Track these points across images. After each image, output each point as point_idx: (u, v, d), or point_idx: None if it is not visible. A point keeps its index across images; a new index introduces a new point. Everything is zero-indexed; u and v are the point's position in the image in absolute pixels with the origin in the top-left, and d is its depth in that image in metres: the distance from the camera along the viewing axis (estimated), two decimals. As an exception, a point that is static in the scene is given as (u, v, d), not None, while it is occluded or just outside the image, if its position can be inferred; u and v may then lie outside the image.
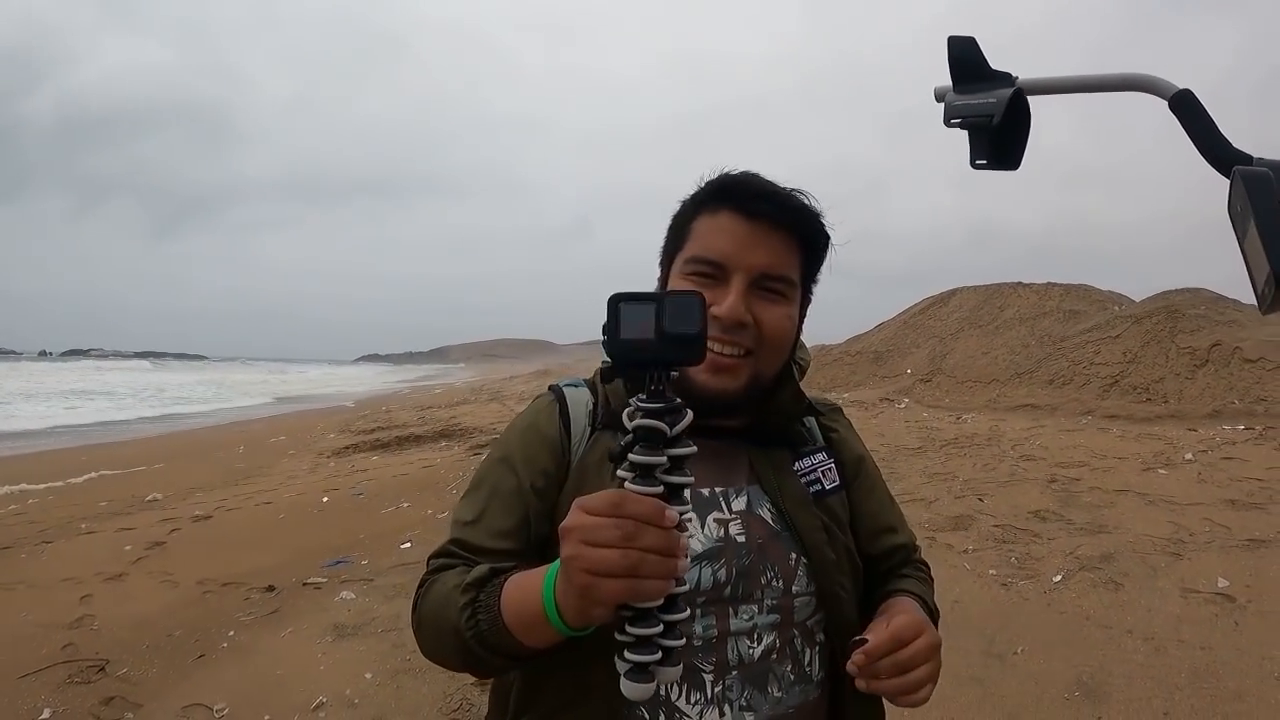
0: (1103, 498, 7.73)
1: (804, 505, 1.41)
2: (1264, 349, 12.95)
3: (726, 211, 1.37)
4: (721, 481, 1.40)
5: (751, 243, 1.35)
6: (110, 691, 4.48)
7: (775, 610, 1.35)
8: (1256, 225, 0.85)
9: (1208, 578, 5.45)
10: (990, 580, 5.73)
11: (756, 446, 1.46)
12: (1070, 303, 20.21)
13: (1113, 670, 4.31)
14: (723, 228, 1.36)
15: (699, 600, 1.30)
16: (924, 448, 11.23)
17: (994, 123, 1.13)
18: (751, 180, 1.39)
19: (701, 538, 1.33)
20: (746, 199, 1.36)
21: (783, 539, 1.39)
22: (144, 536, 7.60)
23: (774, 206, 1.36)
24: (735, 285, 1.34)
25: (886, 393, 18.52)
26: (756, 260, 1.35)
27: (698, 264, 1.37)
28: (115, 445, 16.57)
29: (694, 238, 1.39)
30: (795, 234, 1.39)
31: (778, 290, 1.38)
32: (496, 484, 1.41)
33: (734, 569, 1.33)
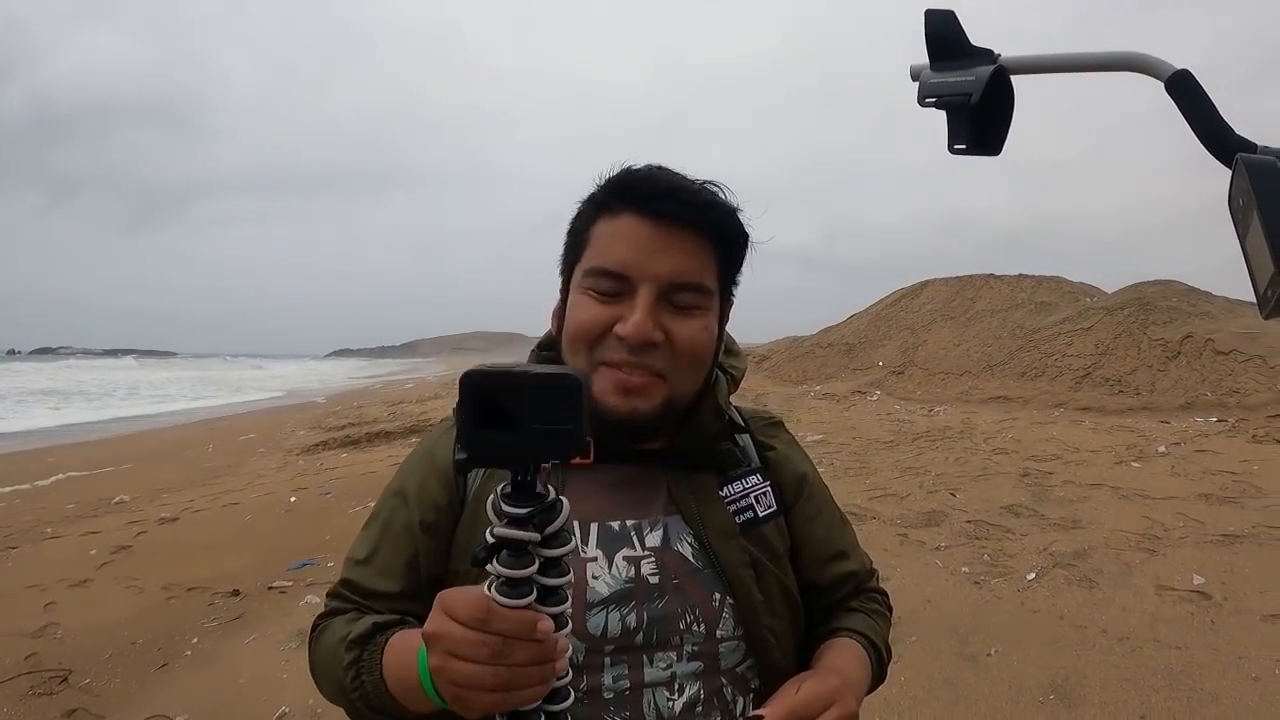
0: (1076, 492, 7.71)
1: (729, 537, 1.27)
2: (1236, 341, 13.00)
3: (627, 214, 1.21)
4: (634, 513, 1.27)
5: (657, 248, 1.19)
6: (73, 703, 4.38)
7: (697, 657, 1.21)
8: (1261, 219, 0.75)
9: (1183, 574, 5.39)
10: (963, 578, 5.65)
11: (677, 471, 1.31)
12: (1042, 294, 20.32)
13: (1088, 672, 4.23)
14: (624, 232, 1.21)
15: (606, 649, 1.18)
16: (896, 441, 11.24)
17: (972, 102, 1.01)
18: (654, 175, 1.23)
19: (609, 579, 1.21)
20: (649, 197, 1.20)
21: (704, 577, 1.24)
22: (110, 540, 7.45)
23: (681, 204, 1.20)
24: (642, 299, 1.18)
25: (858, 385, 18.57)
26: (664, 268, 1.19)
27: (598, 276, 1.21)
28: (83, 446, 16.30)
29: (593, 245, 1.24)
30: (708, 235, 1.23)
31: (691, 302, 1.22)
32: (389, 519, 1.32)
33: (645, 613, 1.20)
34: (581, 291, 1.23)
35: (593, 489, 1.26)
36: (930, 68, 1.07)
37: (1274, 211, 0.74)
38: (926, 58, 1.08)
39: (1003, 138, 1.08)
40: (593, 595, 1.18)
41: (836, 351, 22.36)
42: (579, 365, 1.22)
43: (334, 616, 1.30)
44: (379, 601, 1.25)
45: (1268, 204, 0.75)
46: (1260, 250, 0.76)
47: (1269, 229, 0.74)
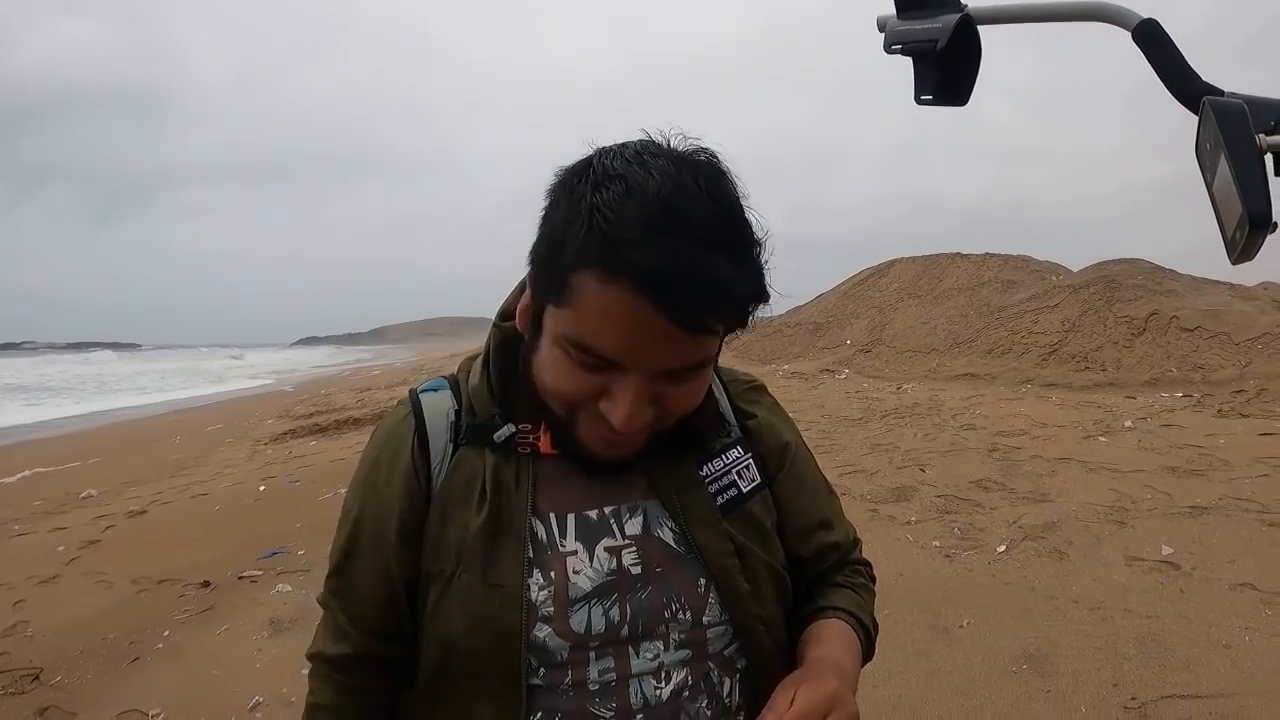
0: (1044, 466, 7.74)
1: (711, 526, 1.17)
2: (1201, 318, 13.13)
3: (625, 290, 0.92)
4: (612, 499, 1.17)
5: (660, 339, 0.95)
6: (45, 701, 4.32)
7: (685, 645, 1.14)
8: (1229, 161, 0.73)
9: (1152, 545, 5.42)
10: (934, 552, 5.66)
11: (654, 451, 1.17)
12: (1008, 273, 20.46)
13: (1060, 641, 4.24)
14: (619, 318, 0.95)
15: (592, 644, 1.11)
16: (865, 418, 11.28)
17: (939, 48, 1.00)
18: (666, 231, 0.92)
19: (590, 572, 1.13)
20: (661, 284, 0.91)
21: (687, 563, 1.16)
22: (78, 536, 7.38)
23: (698, 304, 0.94)
24: (636, 386, 1.00)
25: (826, 364, 18.63)
26: (664, 360, 0.99)
27: (581, 351, 0.99)
28: (49, 441, 16.11)
29: (576, 308, 0.97)
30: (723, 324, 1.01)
31: (691, 376, 1.05)
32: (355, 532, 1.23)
33: (629, 605, 1.13)
34: (559, 348, 1.02)
35: (565, 478, 1.17)
36: (897, 16, 1.05)
37: (1241, 151, 0.73)
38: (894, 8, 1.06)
39: (969, 88, 1.07)
40: (575, 591, 1.12)
41: (805, 330, 22.42)
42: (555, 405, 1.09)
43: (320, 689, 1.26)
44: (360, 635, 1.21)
45: (1235, 146, 0.73)
46: (1228, 194, 0.75)
47: (1237, 170, 0.72)
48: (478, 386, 1.21)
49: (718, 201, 0.96)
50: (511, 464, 1.17)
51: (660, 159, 0.97)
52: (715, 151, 1.03)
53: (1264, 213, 0.70)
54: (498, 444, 1.17)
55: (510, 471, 1.16)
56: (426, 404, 1.24)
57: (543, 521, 1.15)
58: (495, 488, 1.15)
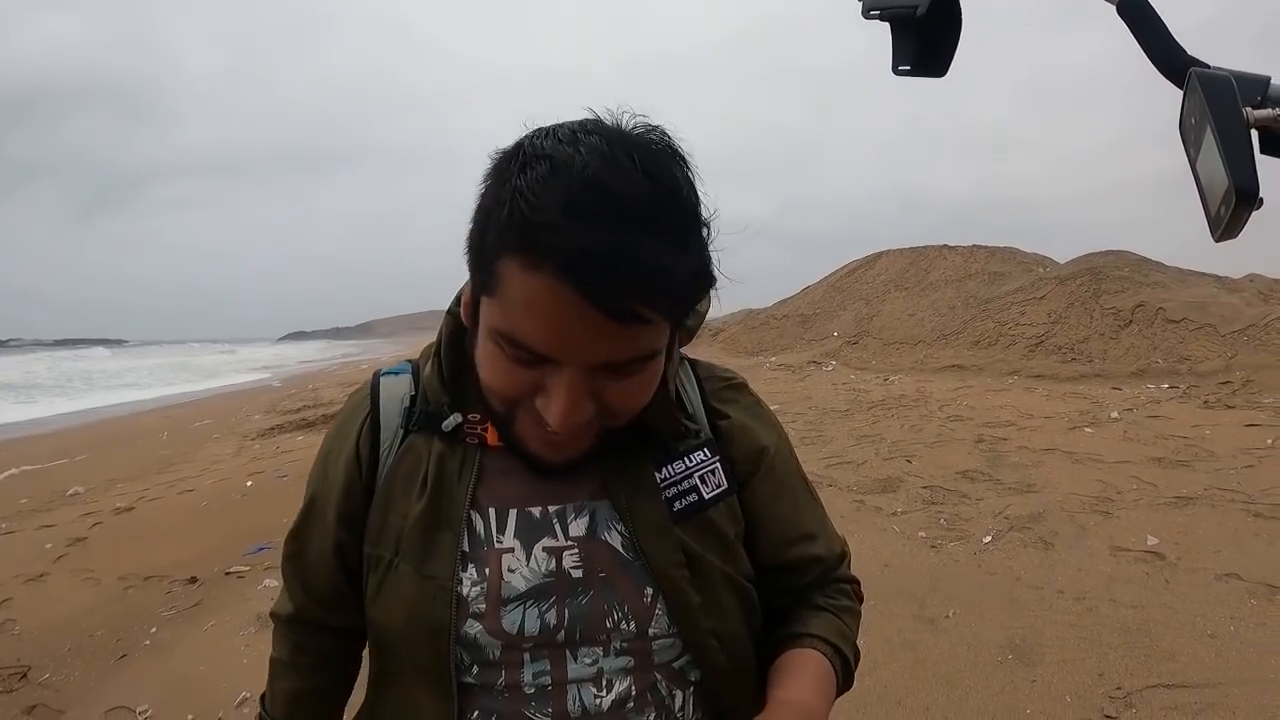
0: (1030, 457, 7.74)
1: (661, 533, 1.09)
2: (1187, 310, 13.16)
3: (550, 278, 0.84)
4: (557, 497, 1.11)
5: (592, 332, 0.87)
6: (33, 699, 4.29)
7: (627, 653, 1.08)
8: (1215, 133, 0.71)
9: (1137, 536, 5.42)
10: (920, 542, 5.65)
11: (609, 450, 1.09)
12: (995, 265, 20.49)
13: (1045, 631, 4.24)
14: (545, 305, 0.86)
15: (525, 645, 1.07)
16: (851, 410, 11.28)
17: (919, 14, 0.96)
18: (591, 212, 0.83)
19: (526, 572, 1.07)
20: (584, 273, 0.83)
21: (634, 571, 1.09)
22: (65, 533, 7.30)
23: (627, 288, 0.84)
24: (570, 380, 0.92)
25: (813, 355, 18.64)
26: (599, 354, 0.91)
27: (512, 345, 0.92)
28: (36, 438, 15.97)
29: (504, 299, 0.90)
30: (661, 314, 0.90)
31: (634, 369, 0.96)
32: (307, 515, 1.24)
33: (567, 610, 1.07)
34: (493, 342, 0.95)
35: (511, 472, 1.11)
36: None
37: (1228, 125, 0.71)
38: None
39: (948, 58, 1.02)
40: (508, 590, 1.07)
41: (792, 323, 22.43)
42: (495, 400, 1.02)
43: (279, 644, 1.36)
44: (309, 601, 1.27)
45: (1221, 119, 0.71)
46: (1213, 168, 0.73)
47: (1223, 143, 0.71)
48: (429, 375, 1.17)
49: (655, 180, 0.86)
50: (458, 454, 1.13)
51: (594, 136, 0.88)
52: (665, 129, 0.93)
53: (1250, 187, 0.68)
54: (446, 433, 1.13)
55: (455, 462, 1.13)
56: (385, 387, 1.21)
57: (481, 515, 1.11)
58: (437, 477, 1.12)
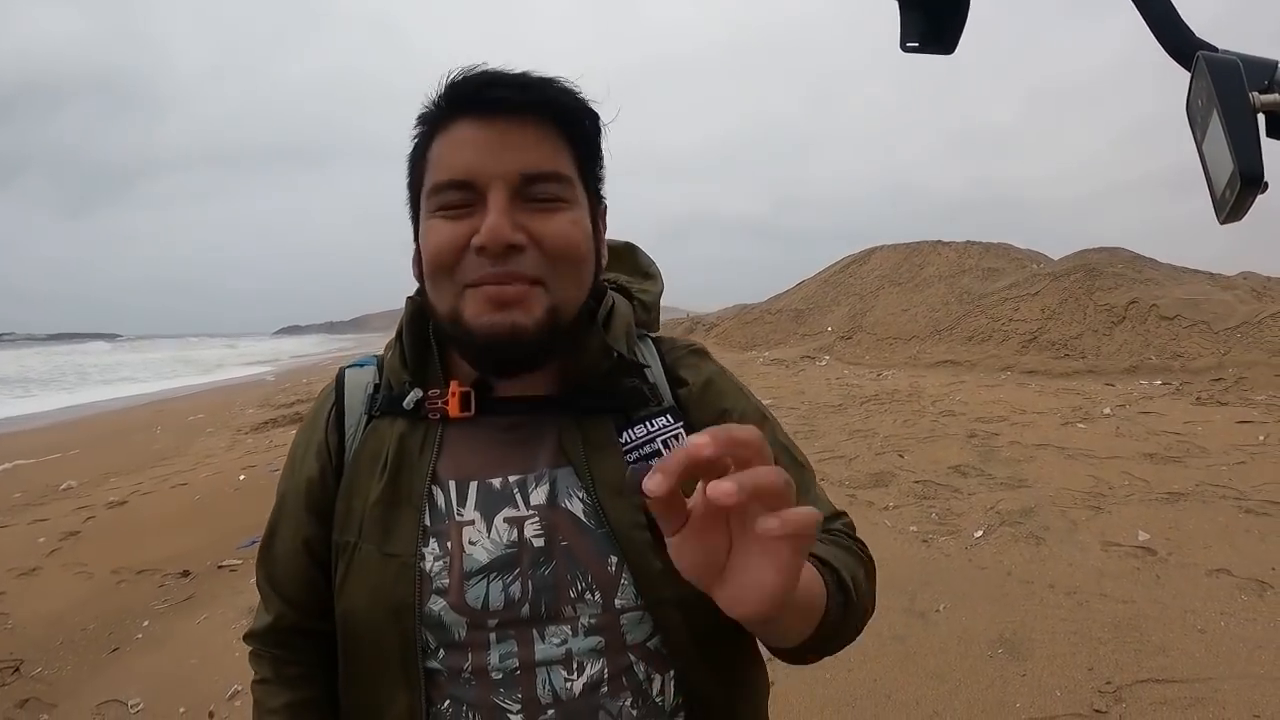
0: (1022, 452, 7.75)
1: (619, 494, 1.09)
2: (1180, 307, 13.18)
3: (460, 120, 1.05)
4: (518, 467, 1.11)
5: (498, 145, 1.03)
6: (25, 693, 4.31)
7: (595, 631, 1.07)
8: (1221, 117, 0.70)
9: (1128, 531, 5.42)
10: (911, 537, 5.66)
11: (569, 416, 1.13)
12: (989, 261, 20.48)
13: (1035, 626, 4.24)
14: (461, 140, 1.04)
15: (490, 623, 1.06)
16: (844, 405, 11.28)
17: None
18: (479, 72, 1.05)
19: (488, 544, 1.07)
20: (475, 95, 1.04)
21: (596, 539, 1.08)
22: (58, 527, 7.32)
23: (510, 88, 1.03)
24: (493, 200, 1.01)
25: (807, 350, 18.66)
26: (510, 163, 1.02)
27: (442, 191, 1.05)
28: (30, 433, 15.96)
29: (432, 165, 1.07)
30: (551, 118, 1.06)
31: (551, 194, 1.05)
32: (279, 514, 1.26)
33: (531, 582, 1.06)
34: (430, 216, 1.07)
35: (473, 444, 1.13)
36: None
37: (1234, 107, 0.70)
38: None
39: (957, 35, 0.99)
40: (470, 563, 1.06)
41: (785, 318, 22.44)
42: (443, 298, 1.07)
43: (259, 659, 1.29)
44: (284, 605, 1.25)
45: (1228, 103, 0.70)
46: (1219, 150, 0.71)
47: (1230, 127, 0.70)
48: (391, 359, 1.20)
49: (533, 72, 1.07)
50: (419, 431, 1.14)
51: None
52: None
53: (1256, 170, 0.68)
54: (408, 411, 1.14)
55: (417, 438, 1.13)
56: (349, 379, 1.24)
57: (442, 489, 1.11)
58: (398, 455, 1.12)
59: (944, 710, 3.65)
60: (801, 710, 3.72)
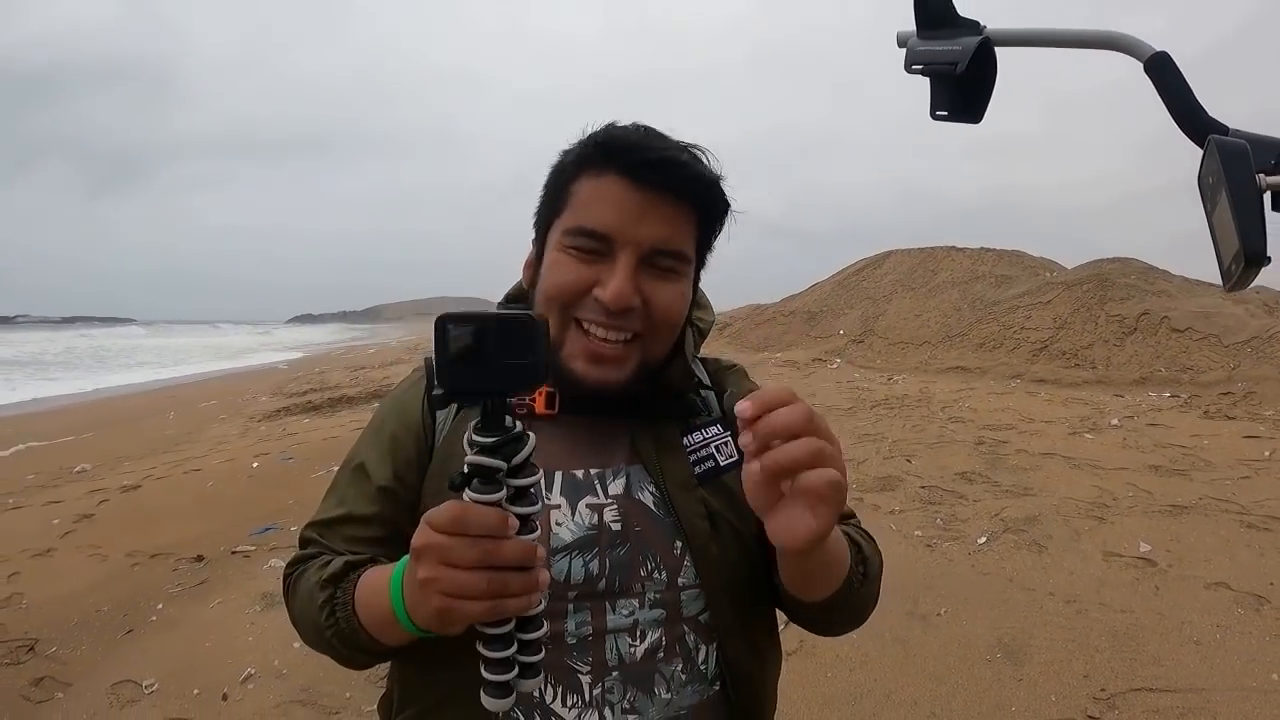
0: (1029, 460, 7.80)
1: (686, 488, 1.24)
2: (1192, 320, 13.15)
3: (613, 175, 1.17)
4: (598, 462, 1.26)
5: (642, 214, 1.17)
6: (40, 671, 4.38)
7: (659, 605, 1.20)
8: (1229, 199, 0.79)
9: (1130, 542, 5.49)
10: (915, 541, 5.73)
11: (641, 422, 1.29)
12: (1003, 268, 20.40)
13: (1034, 632, 4.31)
14: (609, 195, 1.17)
15: (570, 595, 1.18)
16: (855, 408, 11.31)
17: (958, 71, 1.04)
18: (643, 140, 1.19)
19: (572, 525, 1.20)
20: (638, 163, 1.16)
21: (665, 525, 1.23)
22: (72, 509, 7.41)
23: (669, 174, 1.17)
24: (622, 263, 1.16)
25: (819, 353, 18.63)
26: (647, 234, 1.17)
27: (580, 236, 1.18)
28: (45, 415, 16.03)
29: (575, 204, 1.20)
30: (691, 203, 1.21)
31: (670, 266, 1.21)
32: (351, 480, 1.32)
33: (608, 560, 1.20)
34: (560, 250, 1.20)
35: (557, 439, 1.24)
36: (917, 35, 1.10)
37: (1241, 191, 0.79)
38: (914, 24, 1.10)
39: (984, 106, 1.11)
40: (556, 541, 1.19)
41: (798, 319, 22.38)
42: (551, 322, 1.17)
43: (306, 563, 1.28)
44: (353, 527, 1.27)
45: (1235, 185, 0.79)
46: (1226, 226, 0.80)
47: (1236, 208, 0.78)
48: None
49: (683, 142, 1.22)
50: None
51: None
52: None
53: (1259, 250, 0.77)
54: None
55: None
56: None
57: None
58: None
59: (941, 711, 3.72)
60: (805, 706, 3.81)
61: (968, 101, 1.10)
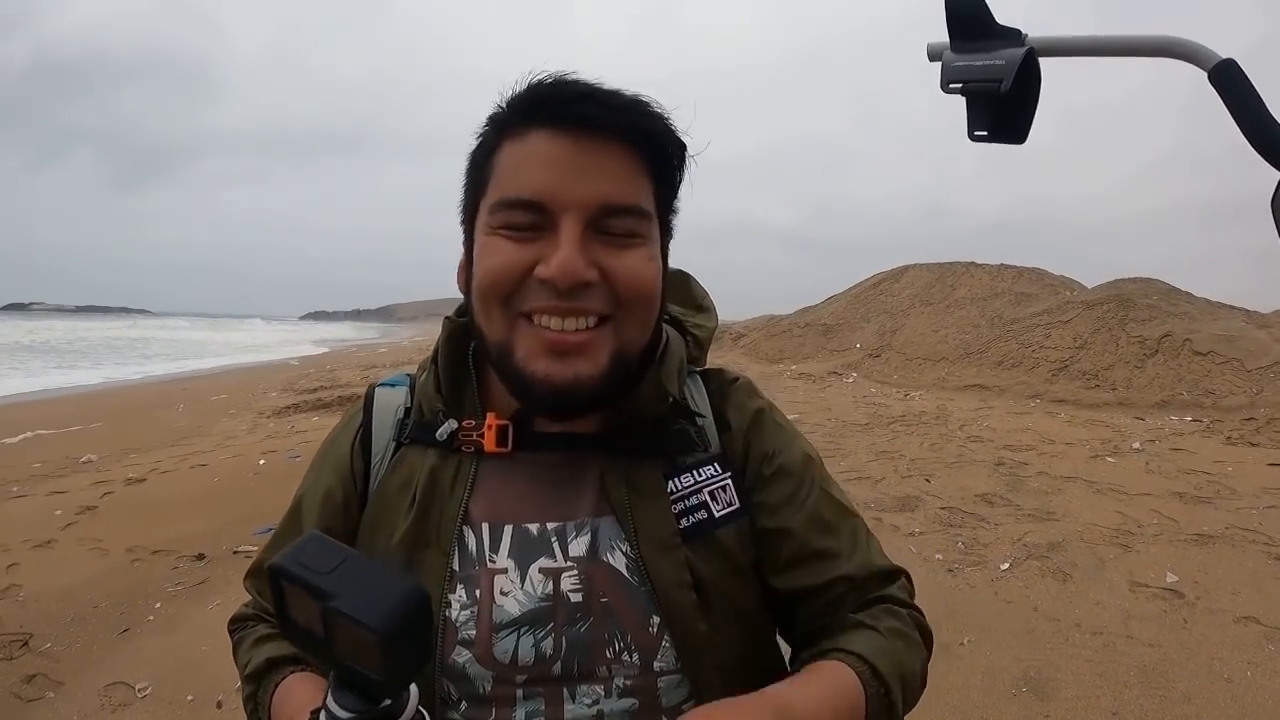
0: (1050, 483, 7.69)
1: (666, 548, 1.02)
2: (1214, 343, 13.03)
3: (537, 131, 0.96)
4: (559, 513, 1.05)
5: (579, 167, 0.94)
6: (33, 668, 4.32)
7: (630, 693, 1.00)
8: None
9: (1156, 571, 5.38)
10: (937, 565, 5.63)
11: (614, 459, 1.07)
12: (1022, 285, 20.32)
13: (1061, 666, 4.21)
14: (536, 154, 0.95)
15: (518, 679, 0.99)
16: (871, 424, 11.23)
17: (1003, 89, 0.90)
18: (566, 81, 0.97)
19: (520, 595, 1.01)
20: (562, 106, 0.94)
21: (638, 596, 1.01)
22: (75, 500, 7.37)
23: (604, 116, 0.94)
24: (566, 230, 0.93)
25: (834, 366, 18.57)
26: (590, 190, 0.94)
27: (508, 209, 0.96)
28: (54, 402, 16.12)
29: (498, 175, 0.99)
30: (637, 145, 0.98)
31: (628, 228, 0.98)
32: (288, 527, 1.22)
33: (564, 639, 0.99)
34: (489, 233, 0.98)
35: (510, 483, 1.07)
36: (951, 48, 0.96)
37: None
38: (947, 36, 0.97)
39: (1028, 125, 0.98)
40: (500, 615, 1.00)
41: (814, 332, 22.34)
42: (494, 325, 1.00)
43: (244, 626, 1.23)
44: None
45: None
46: None
47: None
48: (424, 383, 1.14)
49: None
50: (451, 465, 1.07)
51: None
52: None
53: None
54: (441, 442, 1.08)
55: (449, 473, 1.07)
56: (379, 399, 1.18)
57: (474, 531, 1.04)
58: (427, 491, 1.06)
59: (967, 747, 3.63)
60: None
61: (1010, 120, 0.97)
